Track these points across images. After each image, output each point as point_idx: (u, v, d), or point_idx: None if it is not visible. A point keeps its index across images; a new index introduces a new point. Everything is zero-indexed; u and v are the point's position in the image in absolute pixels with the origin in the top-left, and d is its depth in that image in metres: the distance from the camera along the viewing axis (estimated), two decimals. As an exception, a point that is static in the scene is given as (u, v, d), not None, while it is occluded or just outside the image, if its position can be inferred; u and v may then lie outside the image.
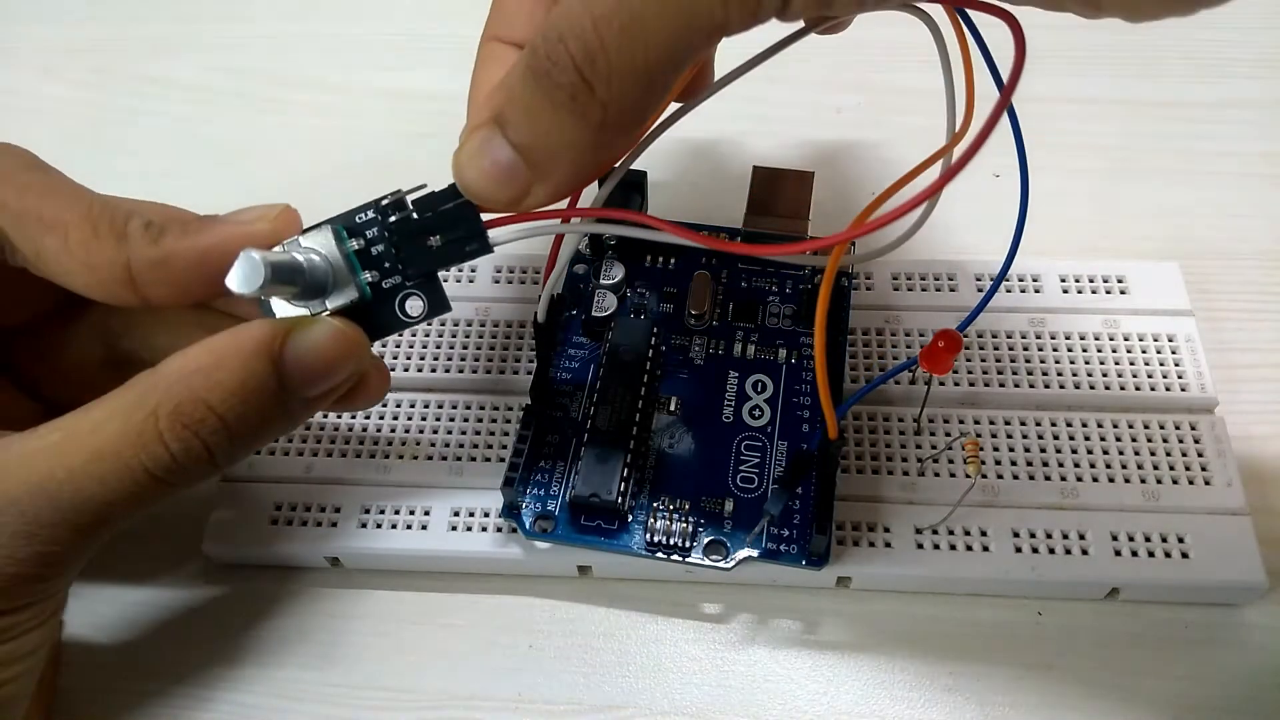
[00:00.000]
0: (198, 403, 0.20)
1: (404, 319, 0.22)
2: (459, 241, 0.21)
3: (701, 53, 0.17)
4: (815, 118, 0.37)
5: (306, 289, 0.21)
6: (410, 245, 0.22)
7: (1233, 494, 0.26)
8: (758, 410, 0.27)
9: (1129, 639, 0.26)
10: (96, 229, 0.22)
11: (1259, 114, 0.36)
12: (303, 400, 0.21)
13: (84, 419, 0.20)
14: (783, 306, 0.29)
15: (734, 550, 0.25)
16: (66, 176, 0.23)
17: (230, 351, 0.20)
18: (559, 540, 0.26)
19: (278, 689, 0.26)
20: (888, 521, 0.26)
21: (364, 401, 0.24)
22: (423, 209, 0.21)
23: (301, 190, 0.25)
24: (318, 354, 0.21)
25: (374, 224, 0.22)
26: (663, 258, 0.30)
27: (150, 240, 0.22)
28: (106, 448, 0.20)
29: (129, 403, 0.20)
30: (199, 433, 0.20)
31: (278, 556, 0.27)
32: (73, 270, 0.22)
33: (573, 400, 0.28)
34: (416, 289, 0.22)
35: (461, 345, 0.30)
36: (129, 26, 0.42)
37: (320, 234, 0.22)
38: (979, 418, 0.28)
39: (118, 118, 0.39)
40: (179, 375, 0.20)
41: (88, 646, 0.27)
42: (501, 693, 0.26)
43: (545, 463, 0.27)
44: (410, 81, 0.39)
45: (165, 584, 0.28)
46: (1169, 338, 0.29)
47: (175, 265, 0.22)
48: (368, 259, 0.22)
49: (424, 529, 0.27)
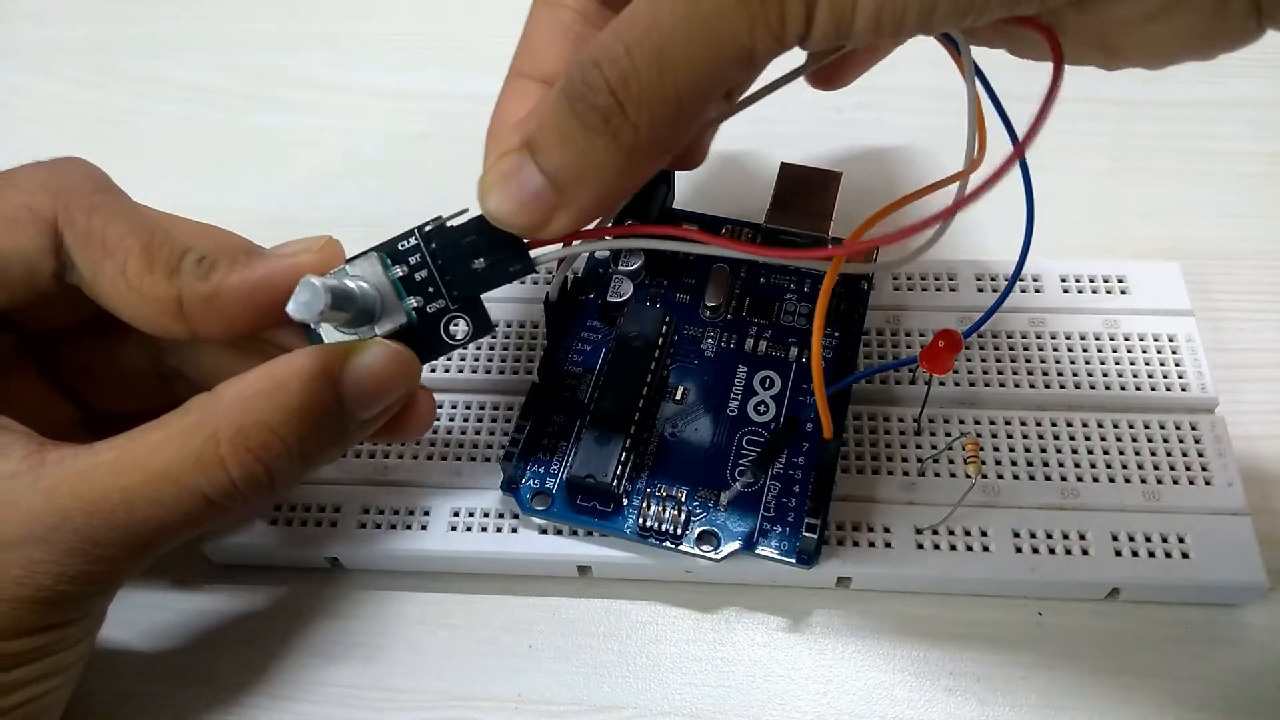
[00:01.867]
0: (261, 426, 0.20)
1: (449, 342, 0.23)
2: (504, 263, 0.22)
3: (732, 80, 0.18)
4: (815, 117, 0.37)
5: (357, 316, 0.22)
6: (454, 269, 0.22)
7: (1233, 494, 0.26)
8: (763, 406, 0.27)
9: (1129, 639, 0.26)
10: (153, 261, 0.22)
11: (1259, 114, 0.36)
12: (359, 422, 0.22)
13: (141, 440, 0.21)
14: (799, 305, 0.29)
15: (725, 542, 0.25)
16: (133, 201, 0.23)
17: (292, 375, 0.21)
18: (554, 518, 0.26)
19: (277, 689, 0.26)
20: (888, 521, 0.26)
21: (415, 428, 0.24)
22: (465, 233, 0.22)
23: (301, 190, 0.25)
24: (375, 375, 0.22)
25: (416, 250, 0.22)
26: None
27: (201, 276, 0.22)
28: (165, 470, 0.20)
29: (188, 426, 0.20)
30: (261, 457, 0.20)
31: (277, 557, 0.27)
32: (124, 298, 0.22)
33: (581, 382, 0.28)
34: (460, 312, 0.23)
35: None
36: (128, 26, 0.42)
37: (366, 262, 0.22)
38: (979, 418, 0.28)
39: (117, 118, 0.39)
40: (239, 399, 0.21)
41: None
42: (501, 693, 0.26)
43: (548, 441, 0.27)
44: (410, 81, 0.39)
45: (164, 583, 0.28)
46: (1169, 338, 0.29)
47: (224, 301, 0.22)
48: (411, 285, 0.22)
49: (424, 529, 0.27)
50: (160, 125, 0.39)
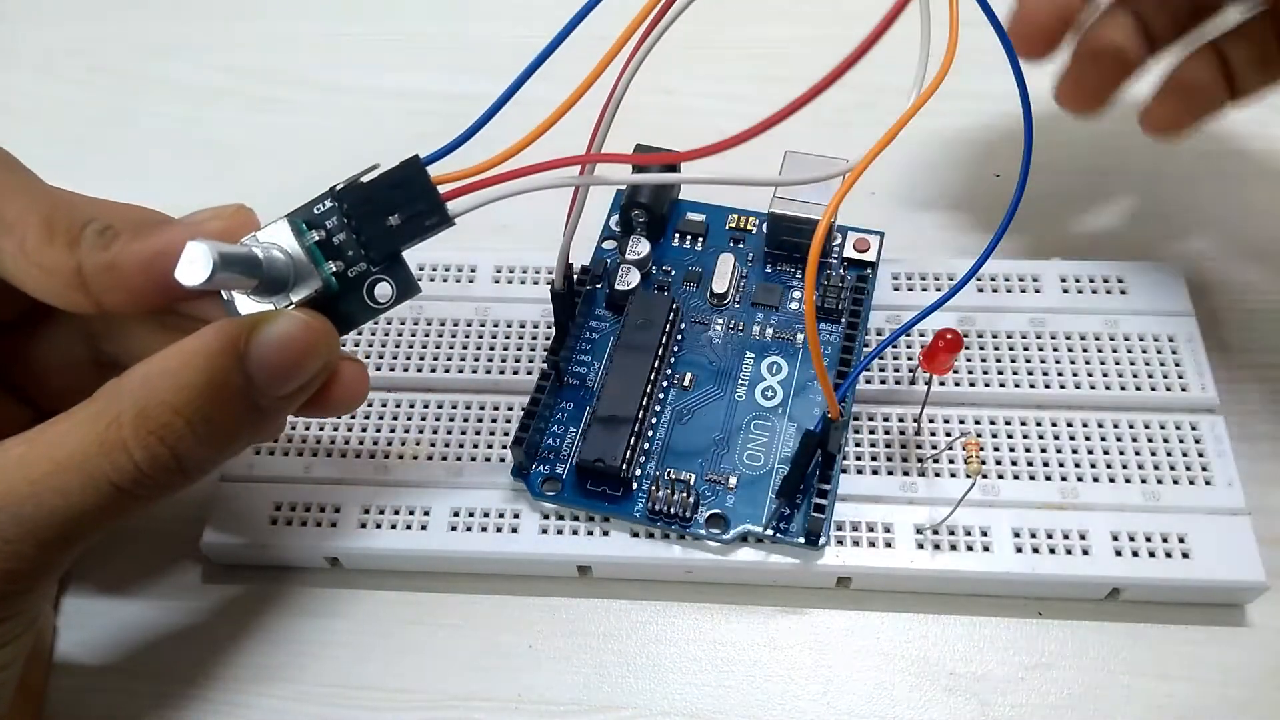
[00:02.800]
0: (162, 406, 0.20)
1: (373, 306, 0.22)
2: (418, 216, 0.21)
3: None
4: (816, 116, 0.36)
5: (267, 284, 0.21)
6: (370, 228, 0.21)
7: (1233, 494, 0.26)
8: (770, 391, 0.28)
9: (1129, 639, 0.26)
10: (52, 233, 0.21)
11: (1259, 113, 0.36)
12: (273, 400, 0.21)
13: (49, 430, 0.20)
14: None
15: (733, 525, 0.25)
16: (36, 176, 0.23)
17: (194, 351, 0.20)
18: (564, 503, 0.26)
19: (276, 690, 0.26)
20: (888, 521, 0.26)
21: (344, 402, 0.23)
22: (378, 188, 0.21)
23: (301, 190, 0.25)
24: (284, 347, 0.21)
25: (332, 213, 0.21)
26: (690, 237, 0.31)
27: (102, 245, 0.21)
28: (69, 459, 0.19)
29: (93, 412, 0.20)
30: (164, 438, 0.20)
31: (277, 556, 0.27)
32: (27, 273, 0.21)
33: (590, 369, 0.28)
34: (383, 274, 0.22)
35: (461, 345, 0.30)
36: (128, 26, 0.42)
37: (277, 227, 0.22)
38: (979, 417, 0.28)
39: (117, 118, 0.39)
40: (143, 380, 0.20)
41: (84, 646, 0.27)
42: (501, 693, 0.26)
43: (557, 427, 0.27)
44: (410, 81, 0.39)
45: (163, 583, 0.28)
46: (1169, 338, 0.29)
47: (124, 269, 0.21)
48: (330, 249, 0.22)
49: (423, 529, 0.27)
50: (160, 125, 0.39)
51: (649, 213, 0.30)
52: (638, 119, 0.27)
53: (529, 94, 0.22)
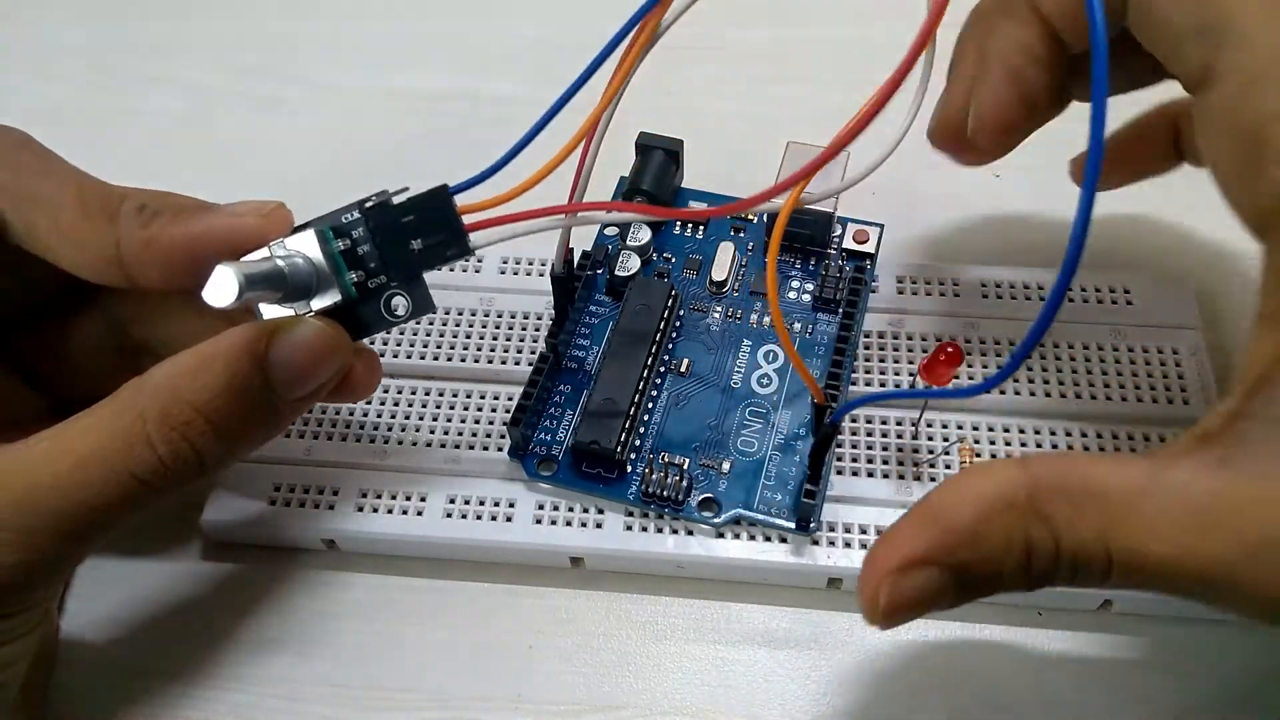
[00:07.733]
0: (184, 405, 0.21)
1: (389, 318, 0.23)
2: (440, 245, 0.22)
3: None
4: (822, 104, 0.36)
5: (291, 292, 0.22)
6: (392, 249, 0.22)
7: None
8: (766, 379, 0.28)
9: (1129, 639, 0.26)
10: (87, 208, 0.22)
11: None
12: (289, 401, 0.22)
13: (73, 426, 0.21)
14: (804, 282, 0.30)
15: (725, 509, 0.26)
16: (61, 158, 0.23)
17: (216, 354, 0.21)
18: (559, 483, 0.27)
19: (275, 689, 0.26)
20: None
21: (353, 395, 0.24)
22: (405, 212, 0.22)
23: (301, 189, 0.25)
24: (301, 353, 0.22)
25: (359, 224, 0.22)
26: (691, 225, 0.31)
27: (141, 223, 0.22)
28: (93, 453, 0.20)
29: (116, 408, 0.21)
30: (186, 435, 0.21)
31: (275, 536, 0.27)
32: (62, 247, 0.22)
33: (588, 353, 0.29)
34: (401, 289, 0.23)
35: (465, 335, 0.30)
36: (129, 25, 0.42)
37: (305, 236, 0.22)
38: (978, 423, 0.27)
39: (117, 118, 0.39)
40: (166, 379, 0.21)
41: (84, 627, 0.27)
42: (501, 693, 0.26)
43: (555, 410, 0.28)
44: (410, 81, 0.39)
45: (163, 556, 0.28)
46: (1174, 350, 0.28)
47: (163, 248, 0.22)
48: (353, 259, 0.22)
49: (419, 514, 0.27)
50: (160, 125, 0.39)
51: (652, 200, 0.30)
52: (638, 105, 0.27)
53: (542, 99, 0.22)
